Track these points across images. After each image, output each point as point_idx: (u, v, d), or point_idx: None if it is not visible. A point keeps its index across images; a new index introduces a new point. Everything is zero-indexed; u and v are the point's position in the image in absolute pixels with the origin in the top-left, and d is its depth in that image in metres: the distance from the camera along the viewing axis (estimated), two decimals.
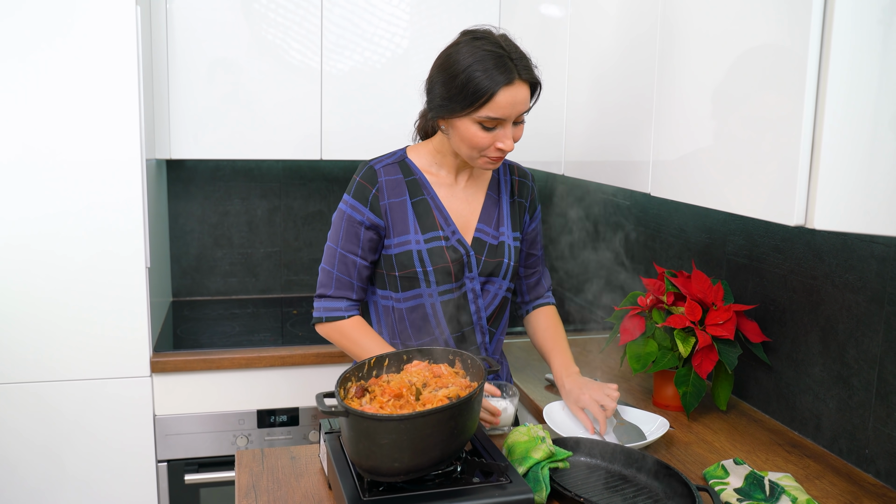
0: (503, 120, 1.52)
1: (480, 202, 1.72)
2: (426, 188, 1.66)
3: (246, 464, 1.53)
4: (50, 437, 2.23)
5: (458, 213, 1.69)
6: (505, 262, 1.70)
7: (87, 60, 2.11)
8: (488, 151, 1.56)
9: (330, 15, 2.51)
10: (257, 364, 2.34)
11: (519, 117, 1.55)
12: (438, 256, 1.64)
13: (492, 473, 1.31)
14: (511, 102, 1.50)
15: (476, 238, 1.69)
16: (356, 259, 1.65)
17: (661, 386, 1.90)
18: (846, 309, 1.62)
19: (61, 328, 2.20)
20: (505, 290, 1.74)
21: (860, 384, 1.59)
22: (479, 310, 1.71)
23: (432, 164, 1.69)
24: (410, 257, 1.63)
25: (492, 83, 1.47)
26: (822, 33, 1.13)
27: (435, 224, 1.65)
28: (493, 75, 1.47)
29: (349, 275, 1.66)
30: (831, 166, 1.15)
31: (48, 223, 2.15)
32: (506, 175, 1.77)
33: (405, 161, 1.68)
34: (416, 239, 1.63)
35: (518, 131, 1.57)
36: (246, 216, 2.99)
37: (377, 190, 1.63)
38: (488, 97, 1.48)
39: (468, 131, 1.53)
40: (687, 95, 1.50)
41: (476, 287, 1.69)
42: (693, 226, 2.15)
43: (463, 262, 1.66)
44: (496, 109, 1.50)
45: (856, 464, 1.60)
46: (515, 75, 1.49)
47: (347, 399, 1.32)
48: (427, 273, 1.63)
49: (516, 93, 1.50)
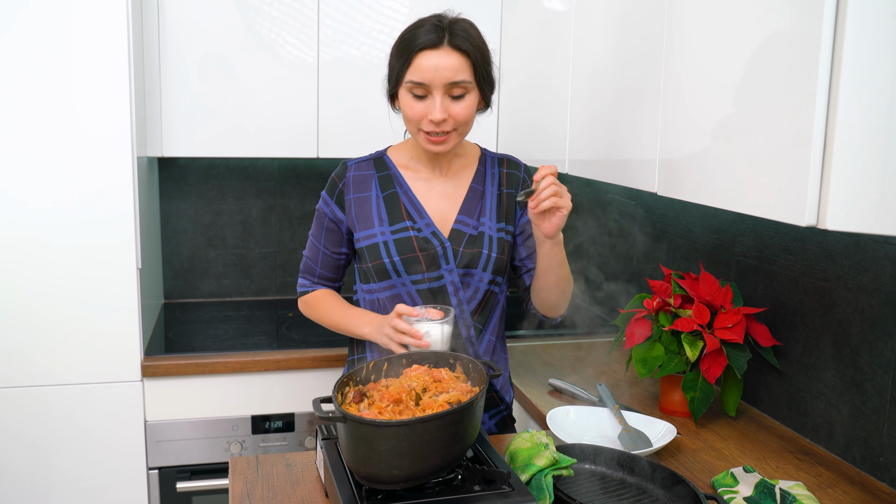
0: (428, 87, 1.56)
1: (462, 195, 1.74)
2: (399, 182, 1.72)
3: (240, 471, 1.53)
4: (37, 443, 2.22)
5: (436, 206, 1.72)
6: (484, 253, 1.69)
7: (76, 54, 2.09)
8: (423, 125, 1.60)
9: (327, 8, 2.50)
10: (252, 368, 2.33)
11: (454, 89, 1.57)
12: (405, 246, 1.67)
13: (494, 481, 1.29)
14: (434, 66, 1.54)
15: (455, 229, 1.70)
16: (319, 247, 1.80)
17: (668, 391, 1.89)
18: (859, 312, 1.61)
19: (48, 331, 2.18)
20: (488, 282, 1.72)
21: (874, 390, 1.57)
22: (462, 302, 1.71)
23: (410, 159, 1.75)
24: (377, 249, 1.68)
25: (414, 44, 1.55)
26: (835, 28, 1.12)
27: (403, 216, 1.69)
28: (417, 36, 1.55)
29: (314, 260, 1.82)
30: (844, 164, 1.13)
31: (35, 223, 2.14)
32: (493, 167, 1.78)
33: (383, 158, 1.76)
34: (381, 231, 1.69)
35: (459, 107, 1.59)
36: (240, 216, 2.97)
37: (343, 185, 1.73)
38: (410, 58, 1.56)
39: (403, 102, 1.61)
40: (694, 91, 1.49)
41: (455, 279, 1.69)
42: (701, 226, 2.15)
43: (437, 254, 1.68)
44: (418, 72, 1.56)
45: (870, 472, 1.59)
46: (442, 41, 1.55)
47: (345, 404, 1.32)
48: (395, 263, 1.67)
49: (441, 57, 1.55)
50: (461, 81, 1.57)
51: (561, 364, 2.27)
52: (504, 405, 1.84)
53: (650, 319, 1.87)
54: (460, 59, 1.56)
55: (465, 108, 1.60)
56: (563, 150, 2.13)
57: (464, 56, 1.57)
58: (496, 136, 2.68)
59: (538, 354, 2.35)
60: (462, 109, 1.59)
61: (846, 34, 1.10)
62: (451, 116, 1.58)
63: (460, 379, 1.40)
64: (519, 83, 2.46)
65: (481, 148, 1.82)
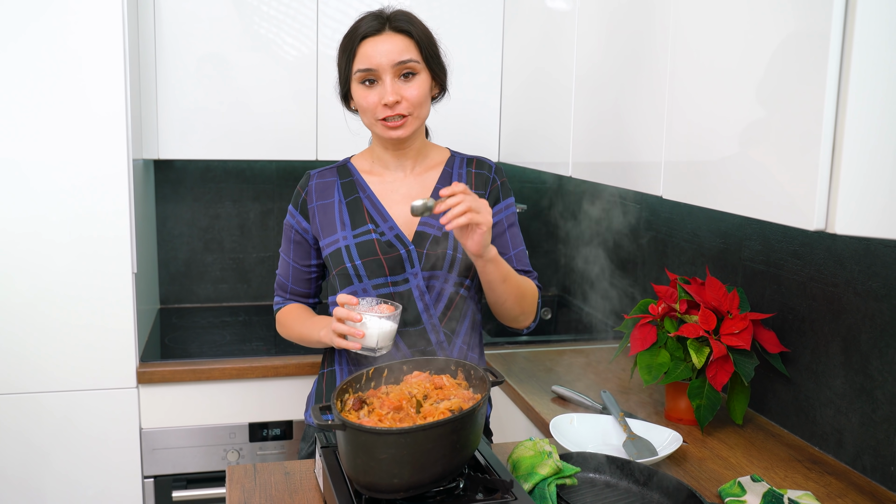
0: (377, 71, 1.58)
1: (427, 196, 1.72)
2: (362, 187, 1.72)
3: (237, 480, 1.52)
4: (31, 451, 2.21)
5: (399, 210, 1.70)
6: (449, 253, 1.67)
7: (71, 55, 2.09)
8: (378, 112, 1.60)
9: (325, 8, 2.50)
10: (249, 375, 2.32)
11: (402, 68, 1.59)
12: (367, 250, 1.65)
13: (496, 490, 1.29)
14: (380, 51, 1.57)
15: (419, 232, 1.68)
16: (289, 262, 1.79)
17: (674, 398, 1.88)
18: (869, 318, 1.60)
19: (42, 337, 2.18)
20: (453, 284, 1.68)
21: (884, 397, 1.56)
22: (428, 307, 1.67)
23: (374, 164, 1.75)
24: (340, 254, 1.67)
25: (356, 35, 1.60)
26: (844, 30, 1.12)
27: (365, 220, 1.68)
28: (359, 27, 1.60)
29: (286, 276, 1.81)
30: (853, 167, 1.13)
31: (29, 226, 2.13)
32: (461, 168, 1.75)
33: (346, 166, 1.77)
34: (343, 235, 1.68)
35: (410, 88, 1.60)
36: (238, 219, 2.96)
37: (306, 194, 1.74)
38: (355, 49, 1.60)
39: (357, 95, 1.62)
40: (700, 94, 1.49)
41: (420, 283, 1.66)
42: (707, 230, 2.14)
43: (401, 258, 1.65)
44: (364, 59, 1.58)
45: (880, 481, 1.57)
46: (384, 27, 1.59)
47: (344, 411, 1.31)
48: (357, 267, 1.65)
49: (384, 41, 1.58)
50: (408, 60, 1.59)
51: (564, 371, 2.26)
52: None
53: (655, 325, 1.86)
54: (404, 39, 1.59)
55: (417, 87, 1.60)
56: (565, 152, 2.12)
57: (407, 37, 1.60)
58: (498, 138, 2.67)
59: (541, 361, 2.34)
60: (413, 89, 1.60)
61: (855, 36, 1.10)
62: (403, 98, 1.59)
63: (462, 386, 1.39)
64: (521, 84, 2.46)
65: (451, 151, 1.79)
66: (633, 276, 2.49)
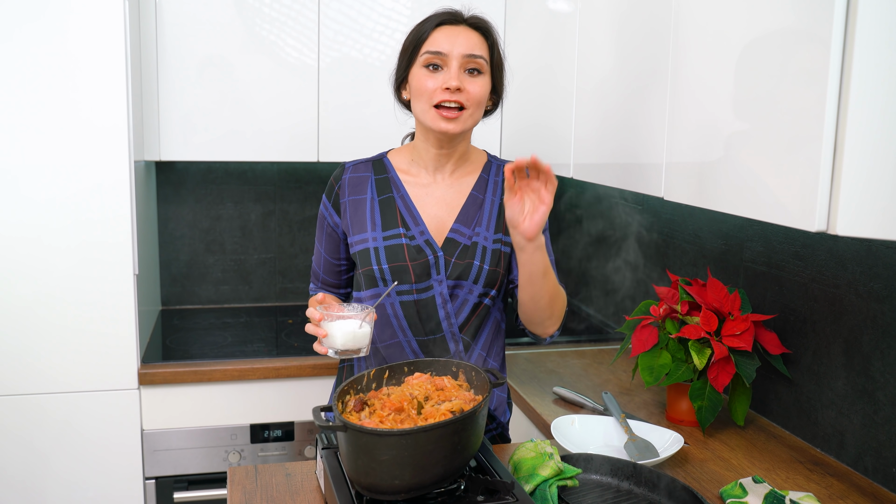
0: (446, 56, 1.56)
1: (461, 203, 1.69)
2: (397, 186, 1.69)
3: (238, 481, 1.52)
4: (32, 452, 2.20)
5: (433, 214, 1.68)
6: (476, 265, 1.63)
7: (72, 57, 2.09)
8: (436, 95, 1.56)
9: (327, 10, 2.50)
10: (250, 376, 2.32)
11: (470, 63, 1.57)
12: (395, 255, 1.63)
13: (497, 491, 1.29)
14: (452, 37, 1.57)
15: (449, 239, 1.66)
16: (321, 251, 1.78)
17: (675, 400, 1.87)
18: (871, 319, 1.59)
19: (44, 338, 2.17)
20: (477, 296, 1.65)
21: (886, 399, 1.56)
22: (450, 315, 1.65)
23: (411, 164, 1.71)
24: (368, 254, 1.65)
25: (432, 21, 1.60)
26: (846, 31, 1.12)
27: (397, 222, 1.66)
28: (436, 16, 1.61)
29: (318, 264, 1.80)
30: (855, 168, 1.12)
31: (30, 228, 2.13)
32: (497, 175, 1.73)
33: (382, 161, 1.73)
34: (373, 236, 1.65)
35: (474, 84, 1.58)
36: (239, 221, 2.96)
37: (339, 187, 1.71)
38: (428, 33, 1.59)
39: (416, 79, 1.59)
40: (702, 94, 1.48)
41: (444, 291, 1.64)
42: (708, 231, 2.14)
43: (429, 264, 1.63)
44: (435, 43, 1.57)
45: (882, 483, 1.57)
46: (462, 19, 1.61)
47: (346, 413, 1.31)
48: (383, 271, 1.63)
49: (459, 31, 1.58)
50: (478, 56, 1.57)
51: (566, 372, 2.25)
52: (495, 423, 1.75)
53: (657, 327, 1.85)
54: (479, 36, 1.59)
55: (480, 85, 1.58)
56: (567, 153, 2.12)
57: (481, 36, 1.60)
58: (499, 138, 2.66)
59: (542, 363, 2.34)
60: (476, 86, 1.57)
61: (856, 37, 1.10)
62: (465, 90, 1.56)
63: (463, 387, 1.39)
64: (523, 85, 2.45)
65: (489, 155, 1.76)
66: (635, 277, 2.49)
